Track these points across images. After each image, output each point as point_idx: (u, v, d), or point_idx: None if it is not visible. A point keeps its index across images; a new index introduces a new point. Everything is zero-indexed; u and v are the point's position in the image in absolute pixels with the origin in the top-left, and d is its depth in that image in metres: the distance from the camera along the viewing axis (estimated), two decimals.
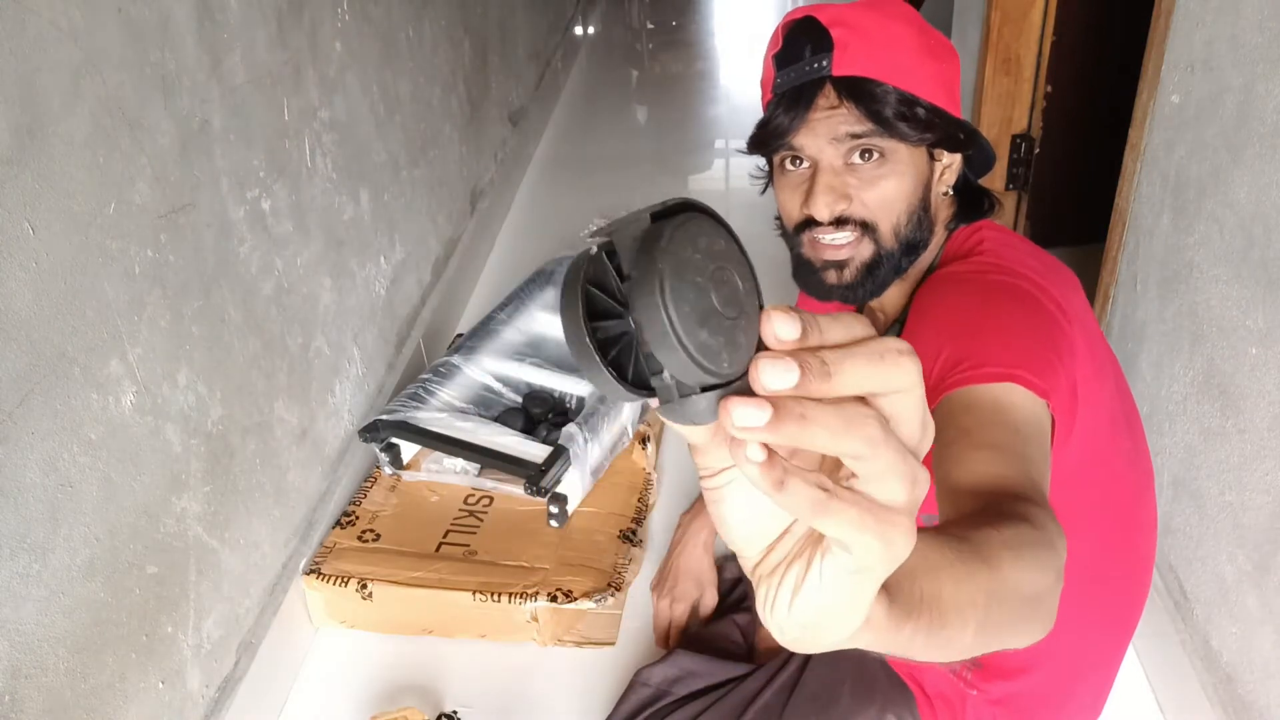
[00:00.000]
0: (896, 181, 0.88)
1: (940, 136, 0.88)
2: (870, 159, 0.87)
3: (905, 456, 0.29)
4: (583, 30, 4.24)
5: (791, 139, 0.87)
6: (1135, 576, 1.04)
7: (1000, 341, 0.77)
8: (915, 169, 0.89)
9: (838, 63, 0.84)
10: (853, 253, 0.89)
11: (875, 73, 0.84)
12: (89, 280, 0.97)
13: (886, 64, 0.84)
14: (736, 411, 0.28)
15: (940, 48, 0.89)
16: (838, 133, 0.85)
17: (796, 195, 0.90)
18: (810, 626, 0.33)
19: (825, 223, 0.88)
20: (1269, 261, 1.06)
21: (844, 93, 0.84)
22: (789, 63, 0.87)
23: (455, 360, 1.73)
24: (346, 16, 1.65)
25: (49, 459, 0.92)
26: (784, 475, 0.29)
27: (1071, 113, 2.19)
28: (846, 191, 0.87)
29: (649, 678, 1.22)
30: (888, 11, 0.87)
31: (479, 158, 2.53)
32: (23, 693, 0.90)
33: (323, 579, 1.43)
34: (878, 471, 0.29)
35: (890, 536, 0.30)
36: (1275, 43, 1.04)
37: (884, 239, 0.89)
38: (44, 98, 0.90)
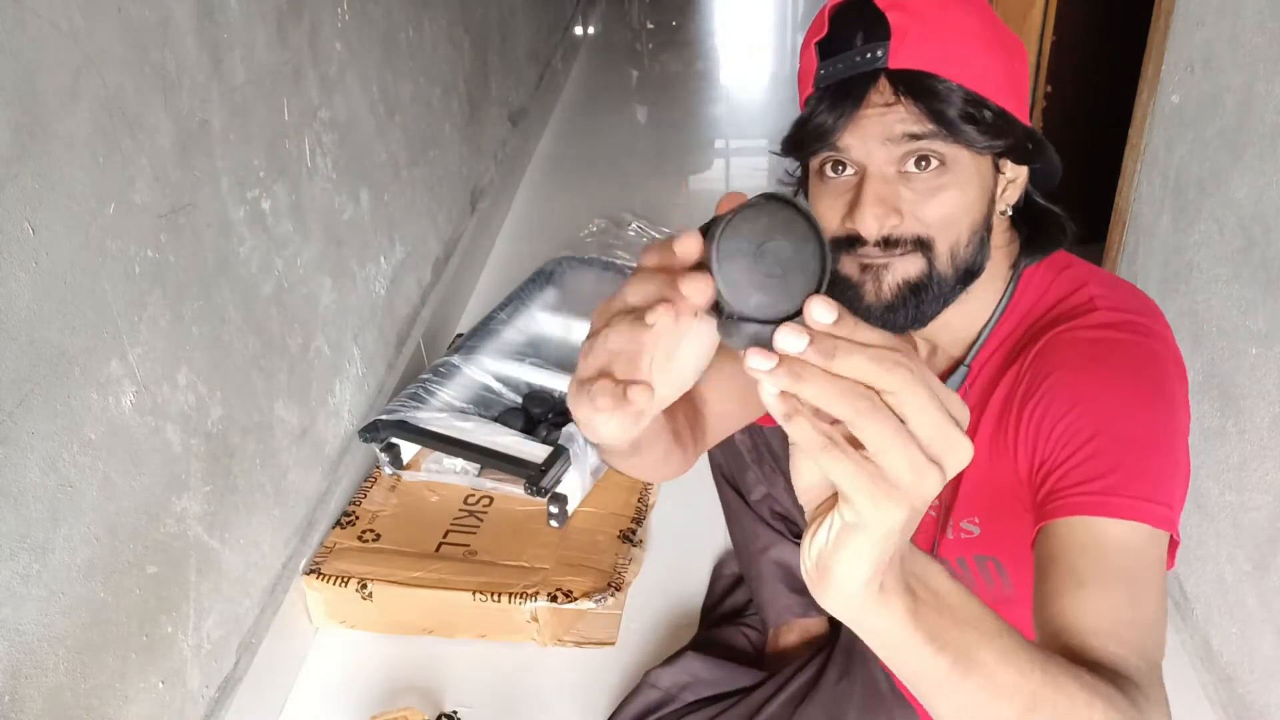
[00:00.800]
0: (959, 194, 0.74)
1: (1009, 144, 0.75)
2: (928, 167, 0.73)
3: (908, 445, 0.36)
4: (583, 30, 4.24)
5: (837, 139, 0.73)
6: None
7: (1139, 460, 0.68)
8: (980, 181, 0.75)
9: (895, 53, 0.71)
10: (899, 269, 0.75)
11: (938, 66, 0.71)
12: (89, 280, 0.97)
13: (952, 57, 0.71)
14: (749, 354, 0.37)
15: (1011, 41, 0.76)
16: (893, 133, 0.72)
17: (838, 206, 0.75)
18: (821, 569, 0.40)
19: (871, 241, 0.73)
20: (1269, 261, 1.06)
21: (902, 88, 0.71)
22: (837, 51, 0.73)
23: (455, 360, 1.73)
24: (346, 16, 1.65)
25: (49, 459, 0.92)
26: (793, 411, 0.37)
27: (1071, 113, 2.19)
28: (898, 205, 0.73)
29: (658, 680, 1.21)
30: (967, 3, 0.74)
31: (479, 158, 2.53)
32: (23, 693, 0.90)
33: (323, 579, 1.43)
34: (877, 445, 0.36)
35: (880, 499, 0.36)
36: (1275, 43, 1.04)
37: (939, 259, 0.75)
38: (44, 98, 0.90)
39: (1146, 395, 0.71)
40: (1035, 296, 0.81)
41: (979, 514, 0.84)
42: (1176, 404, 0.72)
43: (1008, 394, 0.78)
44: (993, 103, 0.73)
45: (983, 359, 0.82)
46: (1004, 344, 0.81)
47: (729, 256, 0.38)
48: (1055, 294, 0.81)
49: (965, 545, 0.86)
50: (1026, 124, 0.77)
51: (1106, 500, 0.66)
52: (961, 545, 0.85)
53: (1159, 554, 0.66)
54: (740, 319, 0.38)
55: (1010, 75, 0.75)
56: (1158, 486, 0.66)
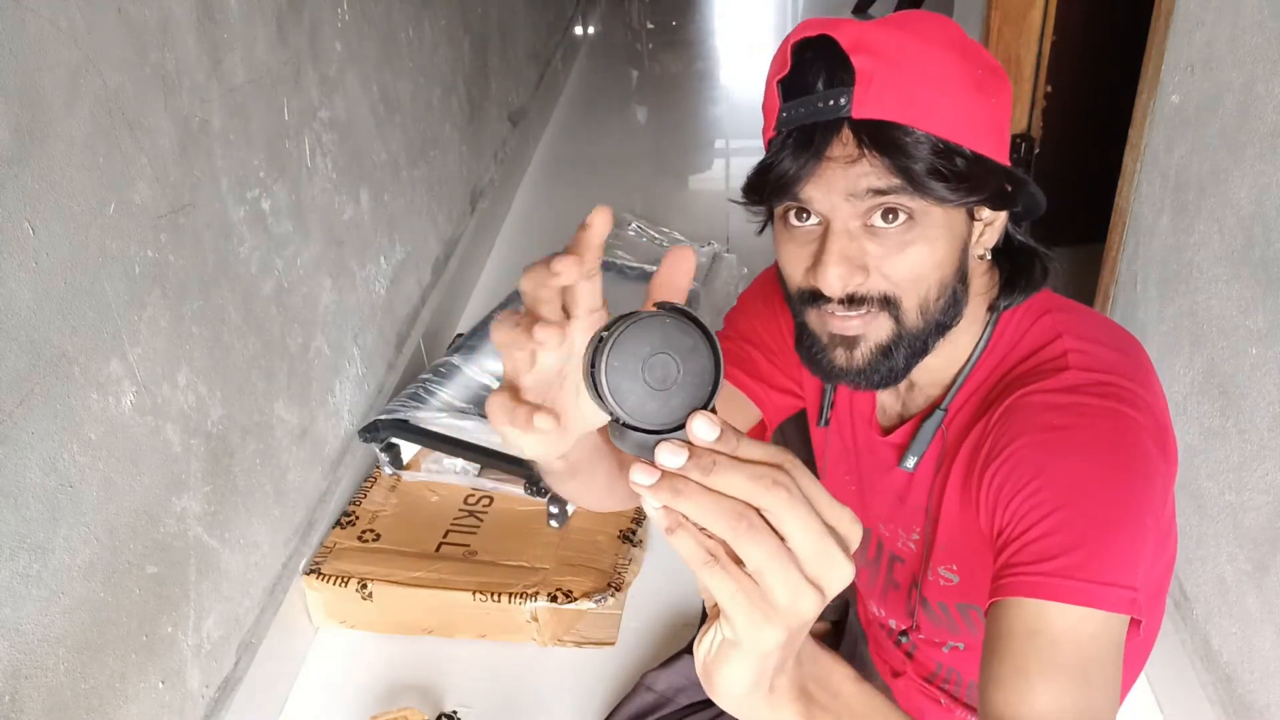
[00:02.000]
0: (928, 249, 0.69)
1: (986, 194, 0.70)
2: (895, 221, 0.68)
3: (786, 565, 0.36)
4: (583, 30, 4.24)
5: (799, 190, 0.69)
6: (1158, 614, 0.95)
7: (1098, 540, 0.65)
8: (950, 233, 0.70)
9: (860, 101, 0.66)
10: (866, 329, 0.72)
11: (906, 115, 0.66)
12: (89, 280, 0.97)
13: (921, 104, 0.66)
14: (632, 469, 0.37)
15: (989, 77, 0.70)
16: (857, 187, 0.67)
17: (803, 256, 0.72)
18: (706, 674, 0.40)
19: (835, 300, 0.70)
20: (1269, 261, 1.06)
21: (866, 140, 0.66)
22: (798, 94, 0.69)
23: (455, 360, 1.73)
24: (346, 16, 1.66)
25: (49, 459, 0.92)
26: (675, 525, 0.37)
27: (1071, 113, 2.19)
28: (864, 261, 0.69)
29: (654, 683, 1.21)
30: (924, 33, 0.68)
31: (479, 158, 2.53)
32: (23, 693, 0.90)
33: (323, 579, 1.43)
34: (755, 564, 0.36)
35: (758, 621, 0.36)
36: (1275, 43, 1.04)
37: (907, 317, 0.71)
38: (44, 98, 0.90)
39: (1113, 468, 0.67)
40: (1011, 343, 0.78)
41: (957, 562, 0.82)
42: (1150, 474, 0.68)
43: (974, 449, 0.75)
44: (967, 150, 0.68)
45: (958, 403, 0.79)
46: (979, 389, 0.79)
47: (619, 365, 0.38)
48: (1030, 343, 0.77)
49: (946, 592, 0.84)
50: (1005, 164, 0.72)
51: (1059, 584, 0.63)
52: (942, 592, 0.84)
53: (1113, 638, 0.64)
54: (626, 426, 0.39)
55: (989, 116, 0.70)
56: (1116, 568, 0.63)
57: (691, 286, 1.11)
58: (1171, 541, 0.81)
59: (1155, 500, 0.67)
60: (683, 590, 1.53)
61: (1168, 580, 0.84)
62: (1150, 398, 0.71)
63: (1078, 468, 0.67)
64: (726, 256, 2.36)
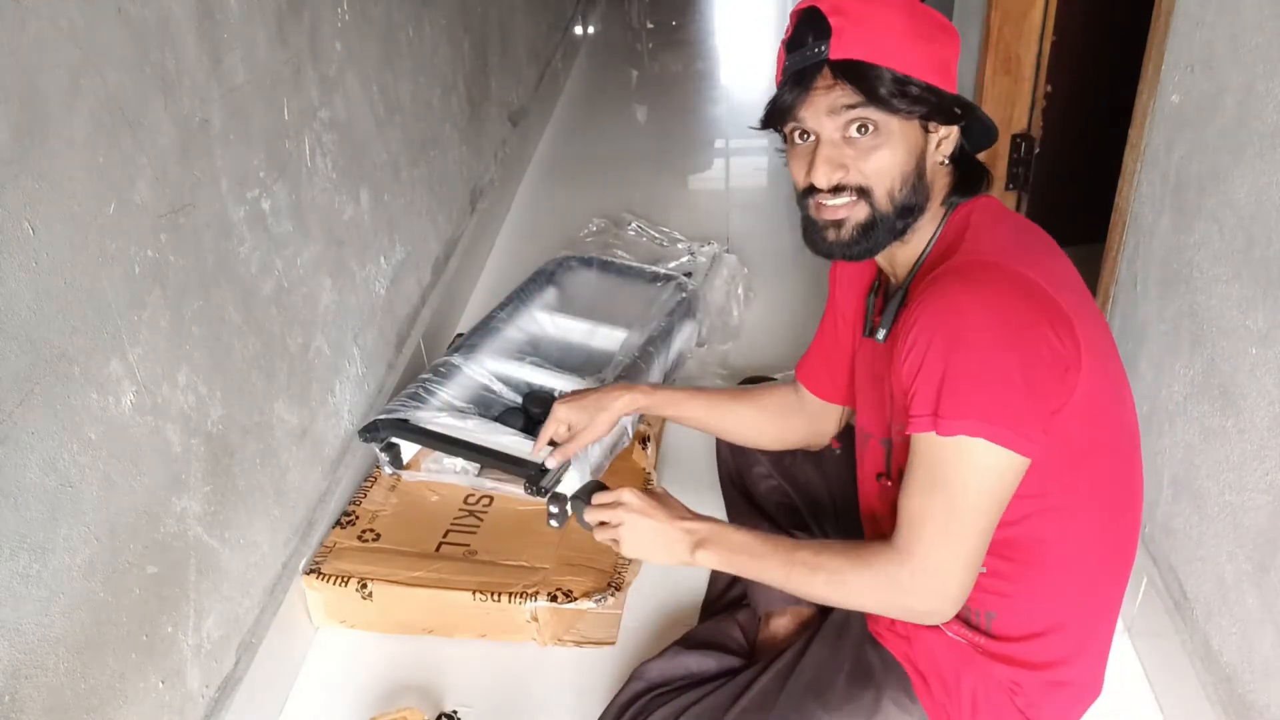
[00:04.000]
0: (890, 151, 0.95)
1: (931, 110, 0.95)
2: (866, 132, 0.95)
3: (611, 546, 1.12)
4: (583, 30, 4.24)
5: (795, 113, 0.96)
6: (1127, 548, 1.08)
7: (970, 385, 0.88)
8: (908, 140, 0.96)
9: (834, 47, 0.93)
10: (849, 214, 0.98)
11: (868, 56, 0.93)
12: (89, 280, 0.97)
13: (879, 48, 0.93)
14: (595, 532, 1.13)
15: (934, 29, 0.96)
16: (834, 105, 0.94)
17: (802, 165, 0.98)
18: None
19: (825, 189, 0.97)
20: (1269, 261, 1.06)
21: (839, 73, 0.93)
22: (795, 48, 0.96)
23: (455, 360, 1.73)
24: (346, 16, 1.66)
25: (49, 459, 0.92)
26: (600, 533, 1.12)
27: (1071, 113, 2.19)
28: (844, 162, 0.96)
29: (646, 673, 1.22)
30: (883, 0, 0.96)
31: (479, 158, 2.53)
32: (23, 693, 0.90)
33: (323, 579, 1.43)
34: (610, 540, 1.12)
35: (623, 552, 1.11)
36: (1275, 43, 1.04)
37: (879, 202, 0.97)
38: (44, 98, 0.90)
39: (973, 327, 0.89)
40: (950, 238, 1.01)
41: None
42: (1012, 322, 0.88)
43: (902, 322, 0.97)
44: (917, 79, 0.93)
45: (915, 284, 1.01)
46: (927, 274, 0.99)
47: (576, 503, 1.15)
48: (950, 228, 1.01)
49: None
50: (953, 93, 0.97)
51: (931, 421, 0.90)
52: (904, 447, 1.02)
53: (973, 461, 0.89)
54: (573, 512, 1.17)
55: (935, 58, 0.95)
56: (973, 408, 0.88)
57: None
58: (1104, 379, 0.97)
59: (1022, 343, 0.88)
60: (682, 590, 1.53)
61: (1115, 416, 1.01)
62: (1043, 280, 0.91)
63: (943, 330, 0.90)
64: (727, 256, 2.36)
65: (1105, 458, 1.00)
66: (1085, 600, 1.04)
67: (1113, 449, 1.01)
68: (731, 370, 2.03)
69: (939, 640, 1.06)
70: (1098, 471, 0.99)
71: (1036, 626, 1.02)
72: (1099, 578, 1.05)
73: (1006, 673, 1.03)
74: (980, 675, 1.03)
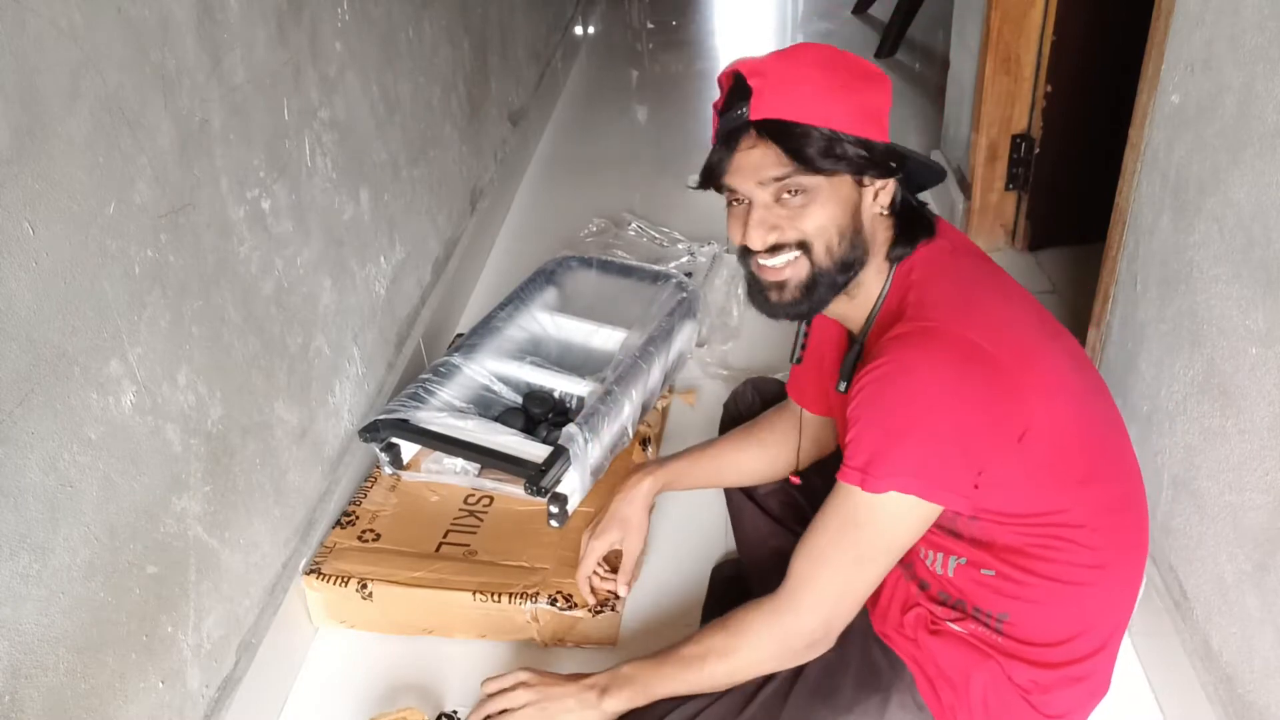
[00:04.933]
0: (821, 210, 0.96)
1: (862, 164, 0.95)
2: (795, 196, 0.96)
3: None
4: (583, 30, 4.24)
5: (724, 179, 0.99)
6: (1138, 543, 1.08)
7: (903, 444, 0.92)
8: (839, 196, 0.97)
9: (755, 108, 0.94)
10: (791, 274, 0.99)
11: (789, 114, 0.94)
12: (89, 280, 0.97)
13: (800, 106, 0.94)
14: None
15: (858, 80, 0.97)
16: (762, 177, 0.96)
17: (738, 227, 1.00)
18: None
19: (760, 250, 0.99)
20: (1269, 261, 1.06)
21: (763, 132, 0.94)
22: (723, 112, 0.98)
23: (455, 360, 1.73)
24: (346, 16, 1.66)
25: (49, 459, 0.92)
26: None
27: (1071, 113, 2.19)
28: (777, 223, 0.97)
29: None
30: (798, 58, 0.97)
31: (479, 158, 2.53)
32: (23, 693, 0.90)
33: (323, 579, 1.43)
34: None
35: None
36: (1275, 42, 1.04)
37: (818, 258, 0.98)
38: (44, 98, 0.90)
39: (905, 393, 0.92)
40: (898, 295, 1.01)
41: None
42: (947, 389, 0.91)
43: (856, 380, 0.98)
44: (842, 133, 0.94)
45: (870, 341, 1.03)
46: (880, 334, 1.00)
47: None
48: (897, 285, 1.02)
49: None
50: (883, 142, 0.96)
51: (860, 476, 0.93)
52: None
53: (895, 511, 0.93)
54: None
55: (862, 109, 0.95)
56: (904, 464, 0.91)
57: None
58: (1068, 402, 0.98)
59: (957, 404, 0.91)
60: (683, 590, 1.53)
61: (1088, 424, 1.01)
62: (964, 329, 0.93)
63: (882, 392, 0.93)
64: (727, 257, 2.36)
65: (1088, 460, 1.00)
66: (1101, 602, 1.04)
67: (1093, 451, 1.01)
68: (732, 370, 2.03)
69: (948, 641, 1.05)
70: (1085, 475, 0.99)
71: (1056, 632, 1.02)
72: (1114, 578, 1.04)
73: (1026, 672, 1.03)
74: (992, 675, 1.03)
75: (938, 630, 1.06)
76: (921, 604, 1.09)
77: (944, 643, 1.06)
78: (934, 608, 1.08)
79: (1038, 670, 1.03)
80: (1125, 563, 1.06)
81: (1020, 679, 1.03)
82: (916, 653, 1.07)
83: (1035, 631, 1.03)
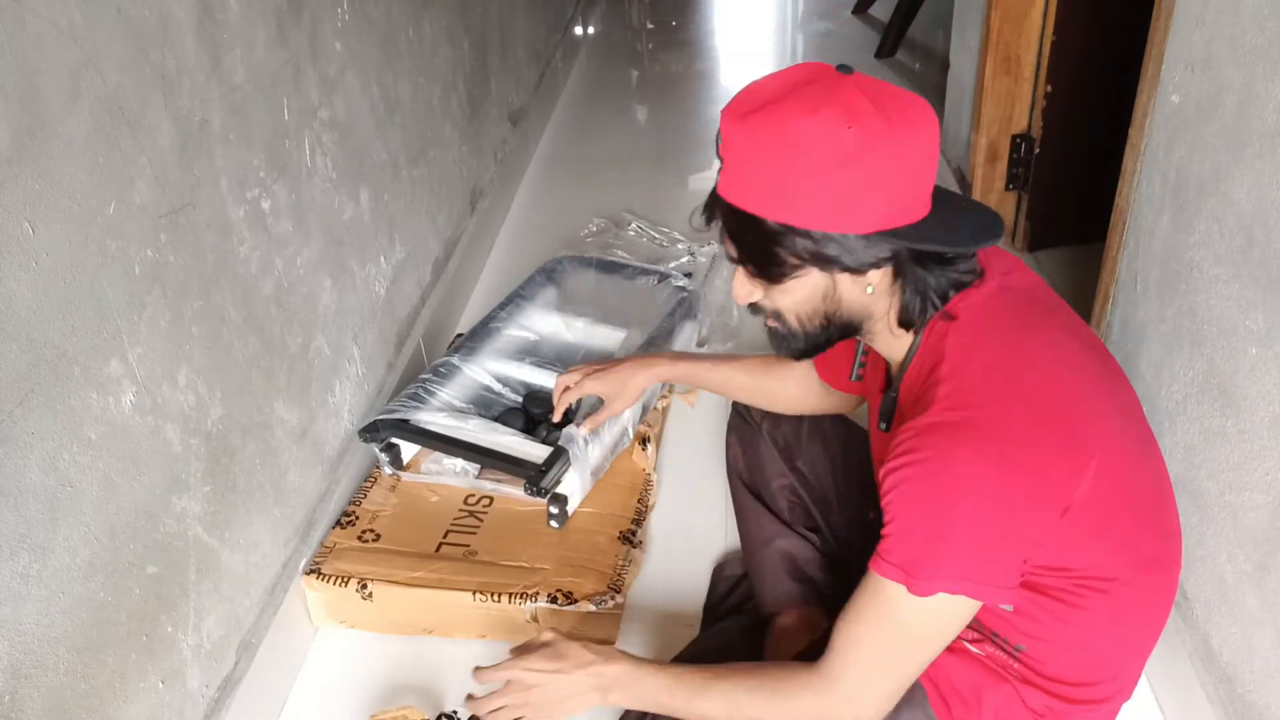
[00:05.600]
0: (790, 299, 0.94)
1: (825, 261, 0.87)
2: None
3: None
4: (583, 30, 4.24)
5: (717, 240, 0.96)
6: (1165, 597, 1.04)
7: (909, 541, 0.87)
8: (806, 285, 0.92)
9: (722, 183, 0.89)
10: (777, 325, 1.00)
11: (746, 203, 0.87)
12: (89, 280, 0.97)
13: (764, 195, 0.86)
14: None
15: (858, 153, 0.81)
16: (729, 251, 0.94)
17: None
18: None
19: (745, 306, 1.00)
20: (1269, 261, 1.06)
21: (725, 216, 0.91)
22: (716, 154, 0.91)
23: (455, 360, 1.73)
24: (346, 16, 1.66)
25: (49, 459, 0.92)
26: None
27: (1071, 113, 2.19)
28: (750, 290, 0.96)
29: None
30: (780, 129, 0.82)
31: (479, 158, 2.53)
32: (23, 693, 0.90)
33: (323, 579, 1.43)
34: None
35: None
36: (1275, 43, 1.04)
37: (793, 328, 0.98)
38: (44, 98, 0.90)
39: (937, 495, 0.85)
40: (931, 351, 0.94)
41: None
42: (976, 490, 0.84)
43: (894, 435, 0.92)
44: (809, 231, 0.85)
45: (904, 397, 0.98)
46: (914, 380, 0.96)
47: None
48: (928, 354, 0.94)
49: None
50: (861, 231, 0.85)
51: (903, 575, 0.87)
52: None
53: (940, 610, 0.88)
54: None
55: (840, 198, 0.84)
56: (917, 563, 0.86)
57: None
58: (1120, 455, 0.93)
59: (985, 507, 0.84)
60: (683, 591, 1.53)
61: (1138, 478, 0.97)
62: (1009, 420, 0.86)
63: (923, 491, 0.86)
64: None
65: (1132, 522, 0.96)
66: (1121, 649, 1.01)
67: (1137, 513, 0.96)
68: None
69: (963, 659, 1.03)
70: (1127, 537, 0.95)
71: (1072, 672, 1.00)
72: (1135, 628, 1.01)
73: (1041, 699, 1.00)
74: (1005, 698, 1.01)
75: (954, 648, 1.03)
76: None
77: (960, 660, 1.03)
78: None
79: (1053, 700, 1.00)
80: (1149, 614, 1.02)
81: (1034, 704, 1.00)
82: (931, 668, 1.04)
83: (1052, 667, 1.00)
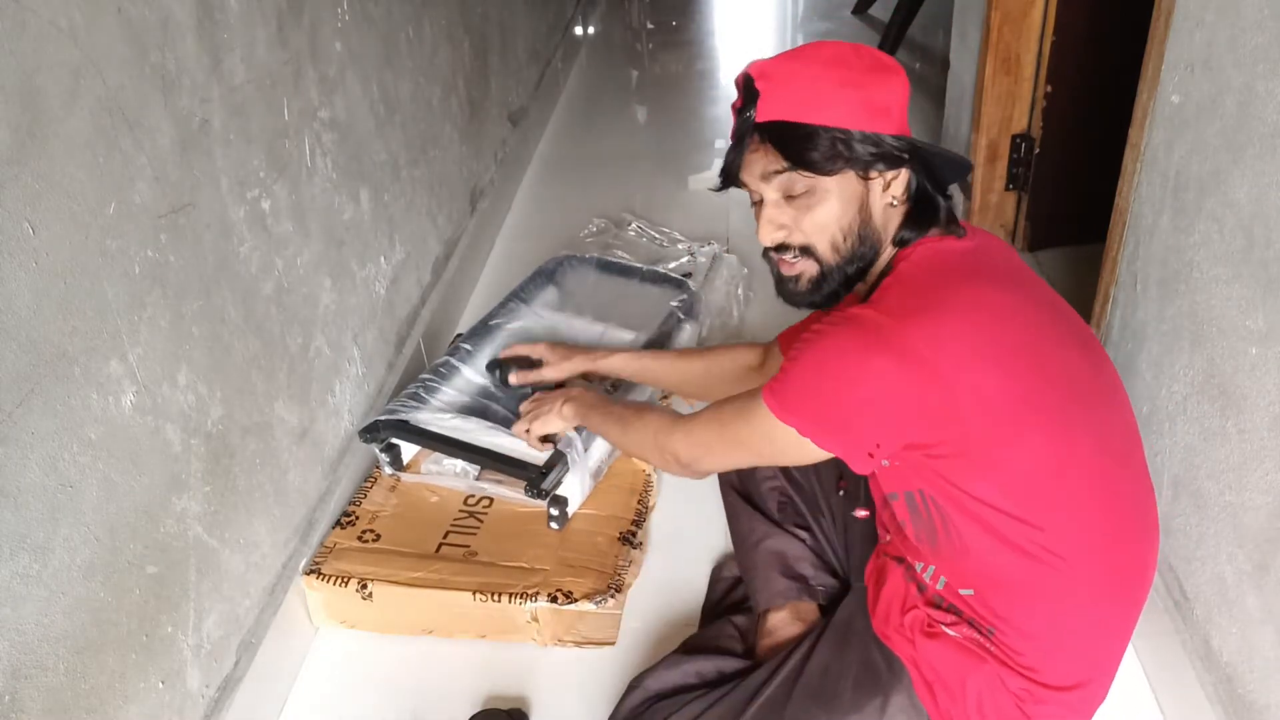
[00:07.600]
0: (825, 208, 1.00)
1: (867, 160, 0.98)
2: (801, 192, 1.00)
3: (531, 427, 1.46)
4: (583, 30, 4.24)
5: (738, 177, 1.04)
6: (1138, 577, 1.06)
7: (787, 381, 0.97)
8: (845, 193, 1.00)
9: (760, 110, 0.98)
10: (801, 269, 1.05)
11: (792, 115, 0.97)
12: (89, 280, 0.97)
13: (803, 106, 0.97)
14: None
15: (866, 75, 0.98)
16: (765, 171, 1.00)
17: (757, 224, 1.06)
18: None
19: (771, 247, 1.05)
20: (1269, 261, 1.06)
21: (765, 135, 0.99)
22: (737, 113, 1.02)
23: (455, 360, 1.73)
24: (346, 16, 1.65)
25: (49, 459, 0.92)
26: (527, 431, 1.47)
27: (1071, 113, 2.19)
28: (784, 222, 1.02)
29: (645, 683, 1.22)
30: (806, 57, 0.99)
31: (479, 158, 2.53)
32: (23, 693, 0.90)
33: (323, 579, 1.43)
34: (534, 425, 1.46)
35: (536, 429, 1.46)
36: (1275, 43, 1.04)
37: (824, 257, 1.02)
38: (44, 98, 0.90)
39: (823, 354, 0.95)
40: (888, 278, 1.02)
41: None
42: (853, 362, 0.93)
43: None
44: (848, 130, 0.96)
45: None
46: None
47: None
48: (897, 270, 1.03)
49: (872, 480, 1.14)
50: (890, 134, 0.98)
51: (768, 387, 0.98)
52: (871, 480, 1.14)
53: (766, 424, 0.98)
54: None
55: (869, 104, 0.97)
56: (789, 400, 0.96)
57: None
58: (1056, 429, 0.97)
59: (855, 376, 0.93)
60: (683, 591, 1.53)
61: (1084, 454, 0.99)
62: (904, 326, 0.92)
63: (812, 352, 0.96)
64: (727, 257, 2.36)
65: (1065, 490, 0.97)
66: (1093, 632, 1.03)
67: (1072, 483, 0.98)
68: None
69: (943, 645, 1.05)
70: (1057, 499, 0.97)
71: (1042, 655, 1.02)
72: (1106, 611, 1.03)
73: (1018, 681, 1.02)
74: (987, 679, 1.03)
75: (933, 634, 1.06)
76: (919, 606, 1.09)
77: (939, 646, 1.05)
78: (930, 610, 1.08)
79: (1028, 684, 1.02)
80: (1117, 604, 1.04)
81: (1013, 685, 1.03)
82: (914, 654, 1.07)
83: (1022, 651, 1.02)
